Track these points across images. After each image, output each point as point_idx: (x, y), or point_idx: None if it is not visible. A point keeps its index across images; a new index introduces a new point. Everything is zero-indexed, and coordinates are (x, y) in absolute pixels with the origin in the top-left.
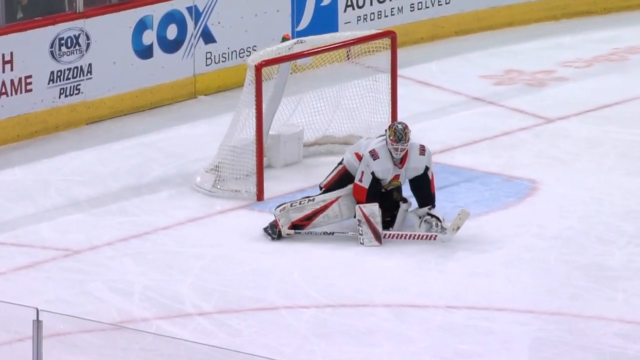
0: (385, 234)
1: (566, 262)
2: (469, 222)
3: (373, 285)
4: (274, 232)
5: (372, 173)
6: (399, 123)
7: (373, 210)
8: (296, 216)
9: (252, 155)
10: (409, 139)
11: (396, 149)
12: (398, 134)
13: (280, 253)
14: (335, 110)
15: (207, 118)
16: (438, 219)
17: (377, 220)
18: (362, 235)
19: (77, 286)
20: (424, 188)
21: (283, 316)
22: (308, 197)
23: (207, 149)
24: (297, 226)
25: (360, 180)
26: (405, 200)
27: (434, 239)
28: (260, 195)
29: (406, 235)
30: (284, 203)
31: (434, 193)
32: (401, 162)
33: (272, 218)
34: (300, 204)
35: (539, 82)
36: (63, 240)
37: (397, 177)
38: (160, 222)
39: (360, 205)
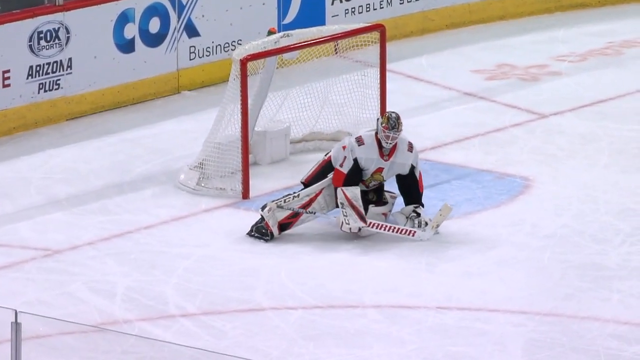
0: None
1: (560, 261)
2: (460, 220)
3: (363, 285)
4: (265, 234)
5: (355, 159)
6: (393, 112)
7: (355, 193)
8: (282, 215)
9: (237, 152)
10: (401, 130)
11: (387, 137)
12: (392, 121)
13: (267, 253)
14: (323, 106)
15: (191, 114)
16: (424, 220)
17: (360, 203)
18: (346, 216)
19: (58, 287)
20: (411, 187)
21: (270, 318)
22: (292, 193)
23: (191, 146)
24: (283, 225)
25: (341, 166)
26: (383, 203)
27: (413, 235)
28: (246, 194)
29: (385, 226)
30: (269, 203)
31: (422, 192)
32: (389, 154)
33: (257, 218)
34: (285, 201)
35: (532, 76)
36: (43, 239)
37: (380, 170)
38: (143, 221)
39: (343, 188)
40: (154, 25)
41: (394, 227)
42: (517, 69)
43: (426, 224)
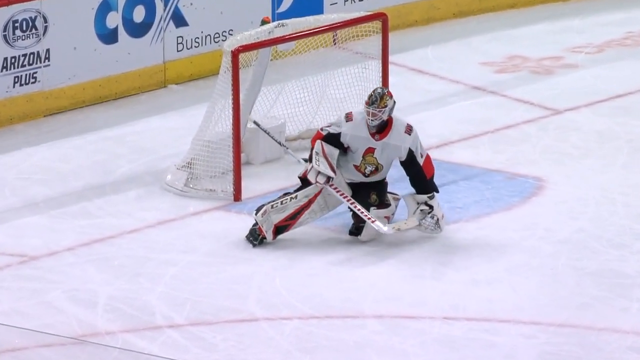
0: (332, 185)
1: (576, 268)
2: (468, 224)
3: (363, 294)
4: (255, 238)
5: (339, 134)
6: (380, 88)
7: (333, 152)
8: (278, 217)
9: (228, 151)
10: (385, 106)
11: (368, 113)
12: (373, 96)
13: (261, 259)
14: (321, 101)
15: (179, 110)
16: (434, 213)
17: (334, 162)
18: (318, 161)
19: (35, 296)
20: (415, 176)
21: (263, 329)
22: (288, 193)
23: (178, 144)
24: (280, 228)
25: (322, 129)
26: (385, 206)
27: (372, 222)
28: (237, 195)
29: (350, 200)
30: (264, 205)
31: (432, 176)
32: (380, 134)
33: (252, 221)
34: (282, 203)
35: (545, 69)
36: (18, 245)
37: (371, 150)
38: (127, 225)
39: (322, 142)
40: (139, 14)
41: (361, 210)
42: (529, 61)
43: (437, 221)
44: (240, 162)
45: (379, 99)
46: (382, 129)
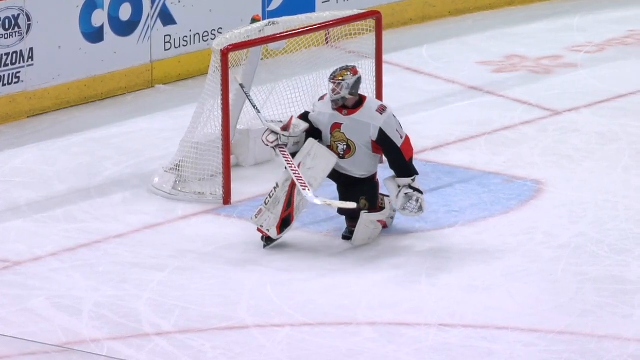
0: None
1: (576, 274)
2: (465, 228)
3: (357, 300)
4: (265, 241)
5: (307, 113)
6: (348, 64)
7: (299, 123)
8: (278, 210)
9: (217, 153)
10: (342, 79)
11: (329, 87)
12: (334, 70)
13: (252, 264)
14: (313, 101)
15: (166, 110)
16: (418, 196)
17: (297, 131)
18: (272, 123)
19: (17, 303)
20: (393, 159)
21: (254, 336)
22: (274, 187)
23: (166, 146)
24: (285, 220)
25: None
26: (378, 209)
27: (303, 189)
28: (227, 199)
29: (292, 167)
30: (258, 206)
31: (410, 160)
32: (349, 110)
33: (245, 225)
34: (270, 196)
35: (544, 69)
36: (1, 250)
37: (337, 125)
38: (113, 229)
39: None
40: (125, 12)
41: (302, 181)
42: (527, 61)
43: (421, 206)
44: (229, 165)
45: (338, 71)
46: (355, 107)
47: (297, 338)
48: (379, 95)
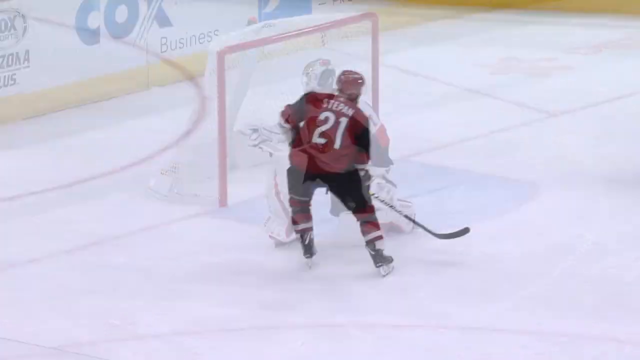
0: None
1: (573, 275)
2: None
3: (352, 303)
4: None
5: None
6: (326, 58)
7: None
8: (282, 216)
9: (214, 155)
10: (311, 70)
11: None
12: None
13: (246, 267)
14: None
15: (163, 112)
16: (391, 186)
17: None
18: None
19: (13, 305)
20: (364, 145)
21: (254, 338)
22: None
23: (162, 148)
24: (294, 219)
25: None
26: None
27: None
28: (223, 201)
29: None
30: (267, 214)
31: (385, 150)
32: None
33: (242, 227)
34: (270, 206)
35: (541, 71)
36: None
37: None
38: (109, 231)
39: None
40: (121, 14)
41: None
42: (524, 63)
43: (392, 197)
44: (226, 166)
45: (309, 63)
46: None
47: (296, 339)
48: (375, 97)
